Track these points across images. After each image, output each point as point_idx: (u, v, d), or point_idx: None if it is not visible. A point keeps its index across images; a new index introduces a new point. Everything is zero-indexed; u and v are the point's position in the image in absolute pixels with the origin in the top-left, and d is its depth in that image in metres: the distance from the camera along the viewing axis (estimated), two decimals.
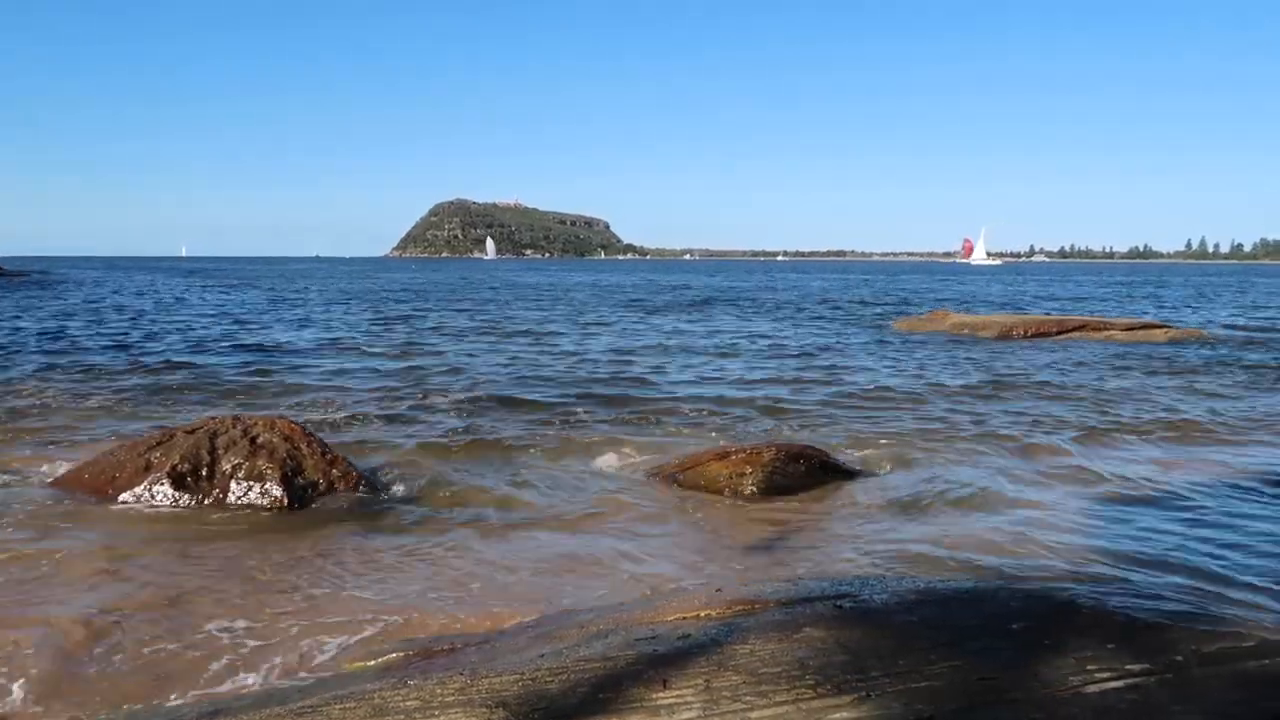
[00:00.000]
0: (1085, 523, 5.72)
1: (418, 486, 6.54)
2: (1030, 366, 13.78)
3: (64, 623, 4.04)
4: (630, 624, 3.29)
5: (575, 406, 10.02)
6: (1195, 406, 10.18)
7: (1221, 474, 7.00)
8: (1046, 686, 2.40)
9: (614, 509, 6.07)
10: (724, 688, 2.41)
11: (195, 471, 5.92)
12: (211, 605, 4.33)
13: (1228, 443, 8.30)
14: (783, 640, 2.76)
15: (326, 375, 12.45)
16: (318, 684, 3.32)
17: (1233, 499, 6.24)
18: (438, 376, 12.47)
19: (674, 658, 2.66)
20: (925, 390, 11.34)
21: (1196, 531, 5.49)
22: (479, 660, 3.06)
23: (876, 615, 3.03)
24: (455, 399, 10.39)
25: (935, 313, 22.57)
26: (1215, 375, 13.01)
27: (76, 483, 6.11)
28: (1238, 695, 2.35)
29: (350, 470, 6.25)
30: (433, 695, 2.48)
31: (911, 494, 6.49)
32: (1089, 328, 18.70)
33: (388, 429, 8.69)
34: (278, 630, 4.05)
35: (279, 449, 6.07)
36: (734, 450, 6.69)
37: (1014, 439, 8.33)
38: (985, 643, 2.71)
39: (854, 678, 2.45)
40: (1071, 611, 3.09)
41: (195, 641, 3.92)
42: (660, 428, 8.85)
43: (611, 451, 7.66)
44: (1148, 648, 2.66)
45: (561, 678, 2.55)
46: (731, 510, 6.08)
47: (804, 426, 8.96)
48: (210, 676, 3.59)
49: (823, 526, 5.75)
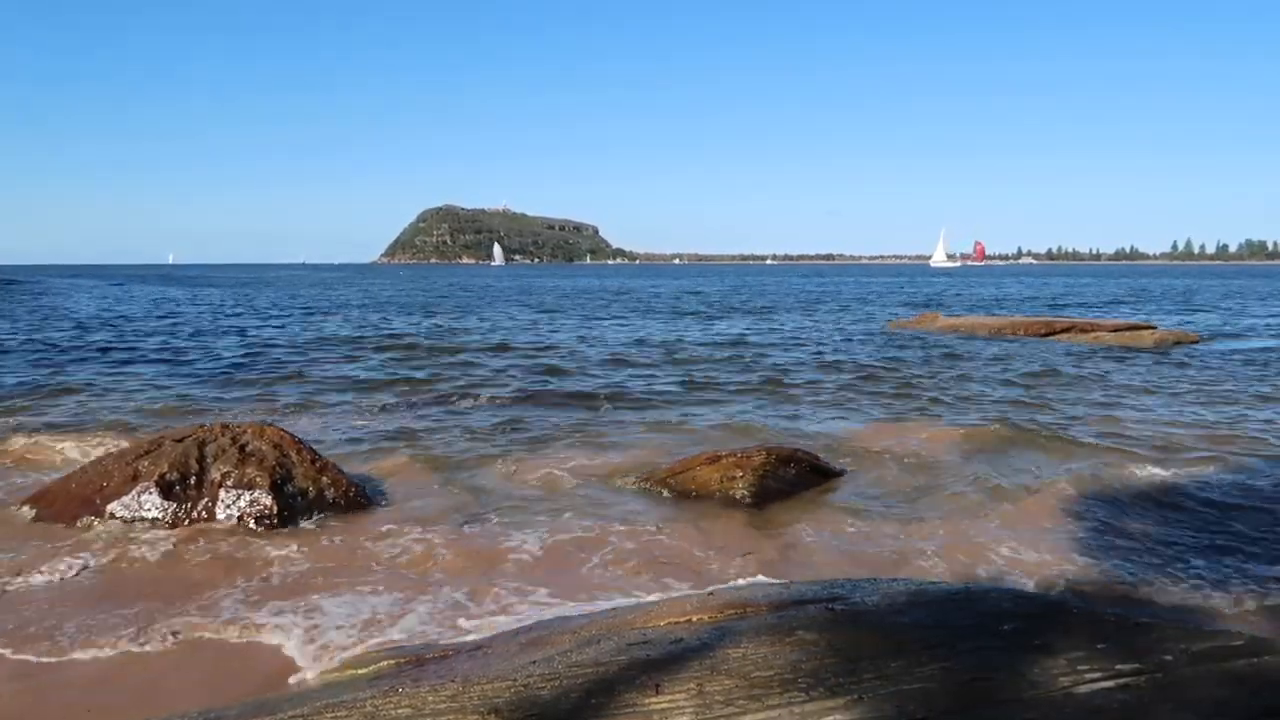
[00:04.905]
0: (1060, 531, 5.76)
1: (413, 491, 6.52)
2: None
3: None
4: (622, 629, 3.28)
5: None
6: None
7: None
8: (1038, 687, 2.41)
9: (607, 514, 6.07)
10: (717, 691, 2.41)
11: (184, 480, 5.88)
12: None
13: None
14: (775, 643, 2.75)
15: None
16: (309, 693, 3.30)
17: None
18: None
19: (666, 662, 2.66)
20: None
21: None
22: (471, 667, 3.04)
23: (868, 617, 3.03)
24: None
25: (925, 314, 22.69)
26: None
27: (62, 494, 6.05)
28: (1227, 694, 2.36)
29: (340, 477, 6.22)
30: (424, 703, 2.47)
31: (898, 491, 6.52)
32: (1077, 329, 18.81)
33: (387, 432, 8.67)
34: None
35: (268, 457, 6.03)
36: (725, 455, 6.68)
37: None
38: (977, 644, 2.71)
39: (846, 680, 2.45)
40: (1062, 612, 3.10)
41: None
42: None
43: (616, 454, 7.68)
44: (1138, 647, 2.67)
45: (554, 684, 2.54)
46: (722, 514, 6.08)
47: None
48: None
49: (814, 529, 5.75)
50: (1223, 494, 6.42)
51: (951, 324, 20.51)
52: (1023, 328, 19.02)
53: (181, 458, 5.97)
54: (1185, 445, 8.11)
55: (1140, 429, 8.96)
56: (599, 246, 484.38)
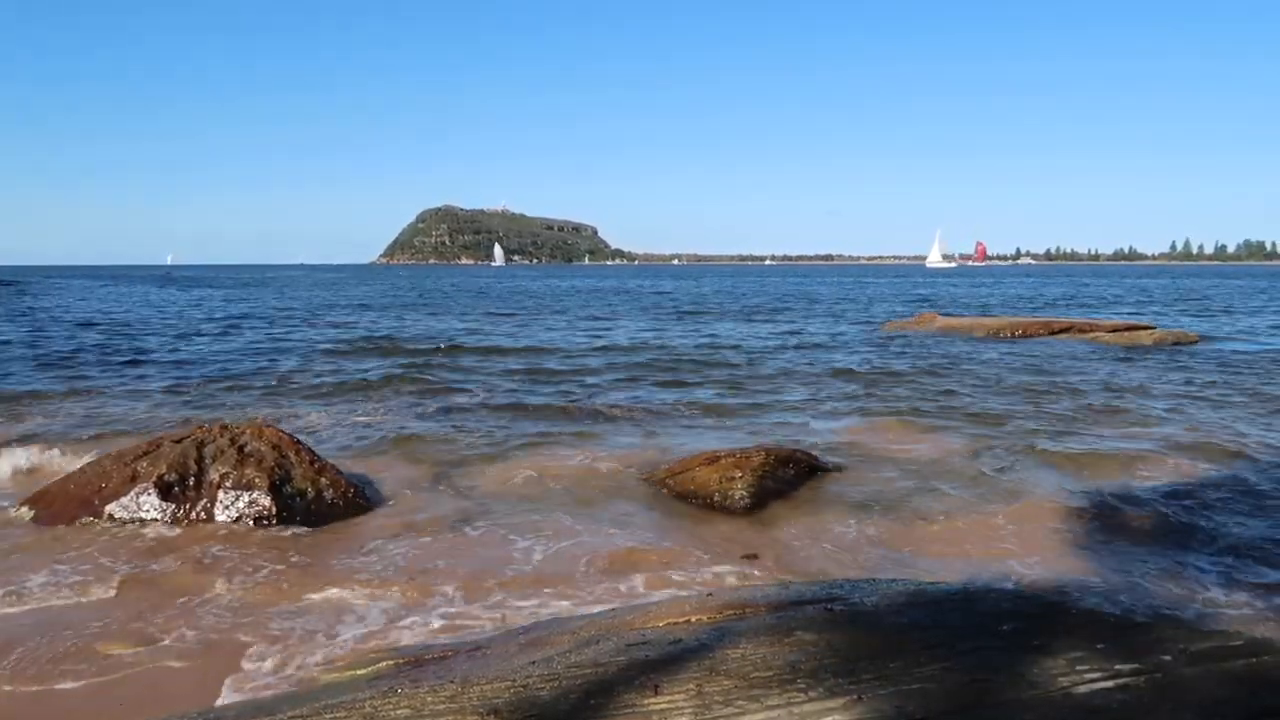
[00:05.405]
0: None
1: (410, 492, 6.52)
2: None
3: None
4: (621, 629, 3.29)
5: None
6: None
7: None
8: (1037, 687, 2.41)
9: (605, 514, 6.07)
10: (716, 692, 2.41)
11: (183, 481, 5.88)
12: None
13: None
14: (774, 644, 2.75)
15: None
16: (308, 693, 3.29)
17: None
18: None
19: (665, 663, 2.66)
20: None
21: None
22: (470, 668, 3.04)
23: (867, 618, 3.03)
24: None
25: (923, 315, 22.69)
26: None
27: (61, 495, 6.04)
28: (1226, 694, 2.36)
29: (339, 478, 6.21)
30: (424, 703, 2.47)
31: (897, 491, 6.52)
32: (1076, 329, 18.82)
33: (385, 433, 8.66)
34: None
35: (267, 457, 6.03)
36: (724, 455, 6.68)
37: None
38: (976, 644, 2.71)
39: (845, 680, 2.45)
40: (1061, 612, 3.10)
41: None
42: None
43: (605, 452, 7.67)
44: (1137, 647, 2.67)
45: (553, 684, 2.54)
46: (721, 514, 6.08)
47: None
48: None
49: (812, 529, 5.75)
50: (1222, 494, 6.42)
51: (949, 324, 20.51)
52: (1021, 328, 19.02)
53: (180, 459, 5.96)
54: (1184, 445, 8.11)
55: (1139, 429, 8.96)
56: (598, 247, 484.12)
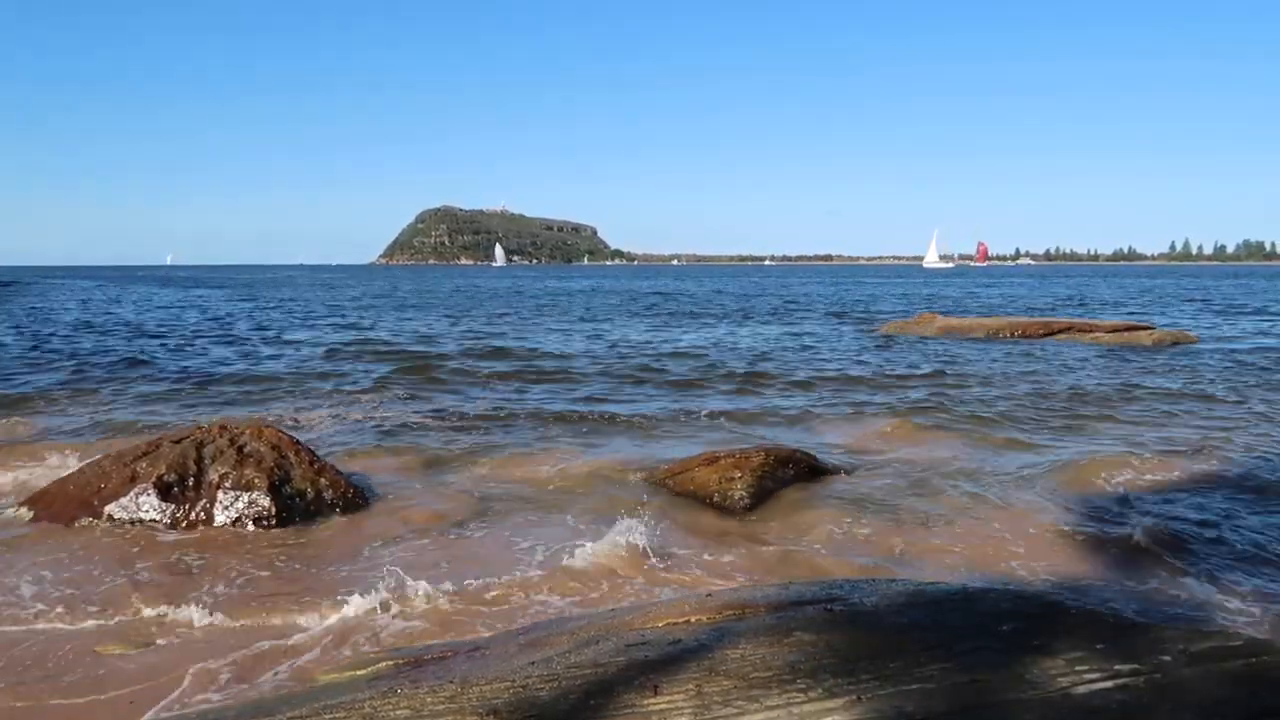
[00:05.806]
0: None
1: (409, 493, 6.52)
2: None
3: None
4: (621, 630, 3.28)
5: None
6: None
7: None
8: (1036, 688, 2.41)
9: (605, 514, 6.06)
10: (715, 692, 2.41)
11: (182, 481, 5.87)
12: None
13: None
14: (773, 644, 2.75)
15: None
16: (307, 693, 3.29)
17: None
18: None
19: (665, 663, 2.65)
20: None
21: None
22: (469, 668, 3.04)
23: (867, 618, 3.03)
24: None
25: (922, 315, 22.69)
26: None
27: (60, 495, 6.04)
28: (1225, 694, 2.36)
29: (338, 478, 6.21)
30: (423, 704, 2.47)
31: (897, 492, 6.52)
32: (1075, 329, 18.82)
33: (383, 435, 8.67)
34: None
35: (266, 458, 6.03)
36: (723, 455, 6.68)
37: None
38: (975, 644, 2.71)
39: (845, 681, 2.45)
40: (1060, 612, 3.10)
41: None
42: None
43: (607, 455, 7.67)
44: (1136, 648, 2.67)
45: (552, 685, 2.54)
46: (720, 515, 6.08)
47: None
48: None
49: (812, 529, 5.76)
50: (1221, 494, 6.43)
51: (948, 325, 20.51)
52: (1020, 329, 19.02)
53: (179, 459, 5.96)
54: (1184, 446, 8.12)
55: (1138, 429, 8.97)
56: (597, 247, 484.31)
